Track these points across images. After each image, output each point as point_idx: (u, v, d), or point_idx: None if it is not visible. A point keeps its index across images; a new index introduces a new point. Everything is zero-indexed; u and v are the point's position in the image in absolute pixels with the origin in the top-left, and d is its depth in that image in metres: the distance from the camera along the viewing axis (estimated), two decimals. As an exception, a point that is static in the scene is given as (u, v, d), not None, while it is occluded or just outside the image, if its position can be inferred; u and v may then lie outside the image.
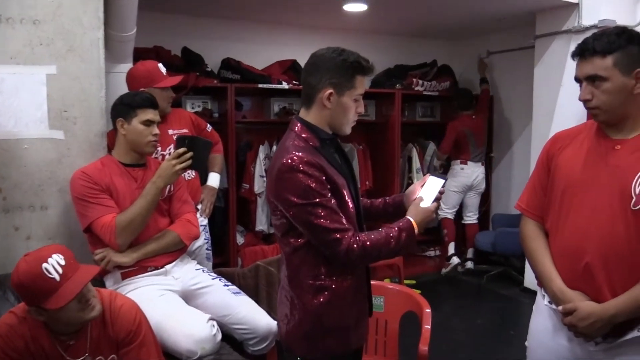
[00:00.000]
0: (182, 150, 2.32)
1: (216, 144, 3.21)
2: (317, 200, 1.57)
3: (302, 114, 1.73)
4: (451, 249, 5.23)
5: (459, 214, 5.37)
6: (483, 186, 5.24)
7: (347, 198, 1.68)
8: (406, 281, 4.69)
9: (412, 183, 5.29)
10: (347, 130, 1.73)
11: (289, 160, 1.58)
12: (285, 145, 1.66)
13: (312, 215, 1.58)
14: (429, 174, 1.89)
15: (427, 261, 5.61)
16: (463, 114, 5.17)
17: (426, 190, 1.80)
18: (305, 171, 1.57)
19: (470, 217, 5.29)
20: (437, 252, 5.64)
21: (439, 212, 5.15)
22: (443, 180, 1.80)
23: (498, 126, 5.61)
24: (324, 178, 1.60)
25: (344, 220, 1.61)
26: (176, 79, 2.87)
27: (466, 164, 5.14)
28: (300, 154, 1.59)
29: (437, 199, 1.77)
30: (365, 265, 1.78)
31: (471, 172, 5.14)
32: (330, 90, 1.65)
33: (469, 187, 5.17)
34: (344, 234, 1.59)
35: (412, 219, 1.70)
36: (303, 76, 1.72)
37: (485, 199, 5.56)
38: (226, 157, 4.11)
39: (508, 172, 5.57)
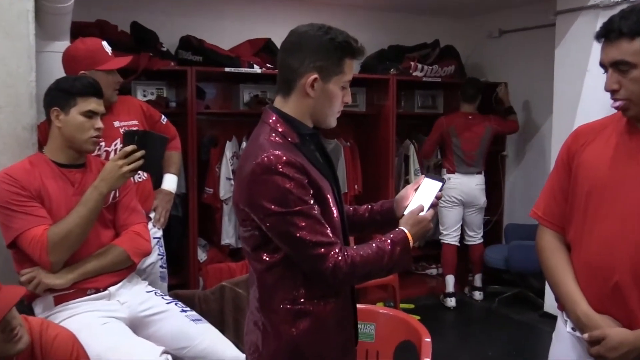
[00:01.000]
0: (131, 147, 2.29)
1: (173, 140, 3.19)
2: (299, 208, 1.57)
3: (278, 103, 1.73)
4: (449, 285, 5.10)
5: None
6: (482, 200, 5.13)
7: (331, 205, 1.68)
8: (402, 305, 4.70)
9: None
10: (332, 122, 1.74)
11: (265, 160, 1.57)
12: (259, 142, 1.65)
13: (292, 226, 1.57)
14: (423, 175, 1.90)
15: (427, 281, 5.63)
16: (459, 110, 5.13)
17: (421, 195, 1.81)
18: (284, 173, 1.56)
19: (473, 237, 5.23)
20: (440, 270, 5.66)
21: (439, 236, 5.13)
22: (440, 183, 1.81)
23: (512, 119, 5.66)
24: (306, 181, 1.60)
25: (329, 232, 1.61)
26: (124, 60, 2.84)
27: (453, 173, 5.07)
28: (278, 152, 1.58)
29: (434, 205, 1.79)
30: (353, 285, 1.78)
31: (460, 184, 5.03)
32: (315, 76, 1.65)
33: (462, 202, 5.08)
34: (329, 249, 1.59)
35: (406, 230, 1.71)
36: (280, 57, 1.71)
37: (497, 206, 5.60)
38: (185, 156, 4.08)
39: (523, 174, 5.61)
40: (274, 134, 1.66)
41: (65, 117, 2.35)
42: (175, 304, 2.49)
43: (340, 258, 1.60)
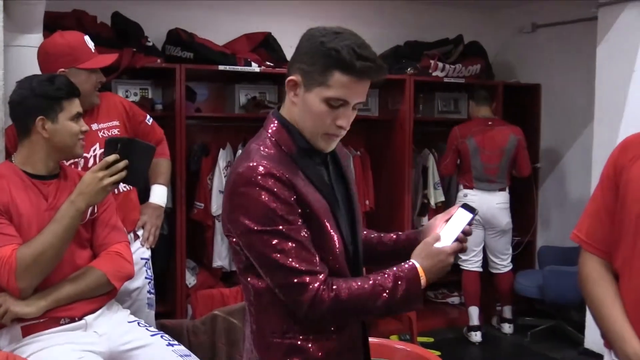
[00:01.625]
0: (113, 157, 2.30)
1: (159, 144, 3.20)
2: (278, 227, 1.58)
3: (283, 108, 1.76)
4: (473, 317, 5.03)
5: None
6: (505, 222, 5.03)
7: (329, 229, 1.67)
8: (420, 339, 4.67)
9: (428, 202, 5.41)
10: (320, 144, 1.70)
11: (248, 171, 1.60)
12: (248, 149, 1.68)
13: (268, 248, 1.59)
14: (458, 205, 1.85)
15: (448, 311, 5.62)
16: (476, 116, 5.08)
17: (450, 227, 1.78)
18: (267, 187, 1.58)
19: (498, 265, 5.13)
20: (463, 299, 5.63)
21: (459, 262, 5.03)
22: (470, 215, 1.78)
23: (546, 127, 5.66)
24: (293, 199, 1.60)
25: (315, 260, 1.61)
26: (110, 58, 2.88)
27: (471, 189, 5.02)
28: (265, 162, 1.61)
29: (461, 240, 1.73)
30: (342, 323, 1.73)
31: (479, 202, 4.86)
32: (293, 77, 1.66)
33: (480, 223, 4.97)
34: (310, 278, 1.59)
35: (416, 263, 1.68)
36: None
37: (529, 226, 5.57)
38: (172, 166, 4.08)
39: (560, 189, 5.60)
40: (268, 142, 1.68)
41: (54, 126, 2.36)
42: (161, 337, 2.48)
43: (322, 290, 1.59)
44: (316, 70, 1.62)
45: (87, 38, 2.83)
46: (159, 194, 3.17)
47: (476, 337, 5.01)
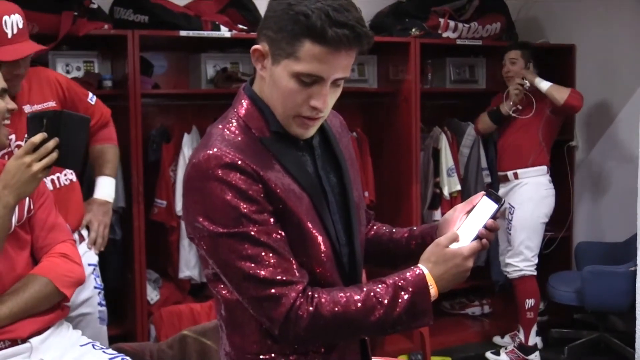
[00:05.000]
0: (39, 137, 2.27)
1: (105, 127, 3.21)
2: (247, 229, 1.60)
3: (255, 82, 1.79)
4: (533, 336, 4.94)
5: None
6: None
7: (310, 229, 1.69)
8: (435, 358, 4.71)
9: (441, 193, 5.41)
10: (292, 128, 1.71)
11: (206, 161, 1.62)
12: (209, 134, 1.71)
13: (234, 254, 1.61)
14: (483, 192, 1.83)
15: (468, 324, 5.66)
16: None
17: (473, 221, 1.78)
18: (229, 181, 1.60)
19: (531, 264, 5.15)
20: (487, 309, 5.68)
21: (512, 265, 4.95)
22: (495, 206, 1.76)
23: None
24: (261, 194, 1.62)
25: (292, 267, 1.63)
26: (28, 48, 2.81)
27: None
28: (226, 150, 1.63)
29: (483, 237, 1.73)
30: (326, 343, 1.75)
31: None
32: (259, 47, 1.68)
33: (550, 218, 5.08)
34: (286, 289, 1.60)
35: (426, 270, 1.69)
36: None
37: (564, 218, 5.58)
38: (126, 155, 4.10)
39: (601, 173, 5.62)
40: (234, 124, 1.71)
41: None
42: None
43: (299, 303, 1.60)
44: (283, 39, 1.61)
45: (7, 19, 2.73)
46: (105, 187, 3.21)
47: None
